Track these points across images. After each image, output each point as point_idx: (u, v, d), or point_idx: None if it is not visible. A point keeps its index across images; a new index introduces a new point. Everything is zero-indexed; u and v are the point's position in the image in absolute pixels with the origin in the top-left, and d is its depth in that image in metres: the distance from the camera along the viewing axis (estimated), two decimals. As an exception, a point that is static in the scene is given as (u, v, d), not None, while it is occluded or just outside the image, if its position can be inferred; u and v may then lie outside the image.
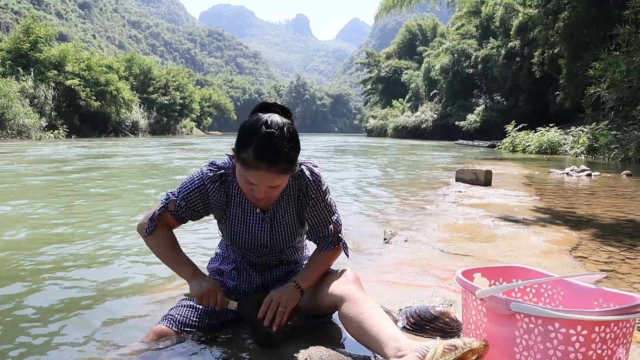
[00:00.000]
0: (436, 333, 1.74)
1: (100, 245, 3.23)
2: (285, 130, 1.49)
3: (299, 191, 1.75)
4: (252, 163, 1.47)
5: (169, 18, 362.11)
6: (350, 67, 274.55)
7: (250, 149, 1.46)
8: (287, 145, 1.48)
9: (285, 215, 1.77)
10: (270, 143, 1.46)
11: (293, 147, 1.51)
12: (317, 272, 1.77)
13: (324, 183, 1.78)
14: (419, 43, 64.94)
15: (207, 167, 1.73)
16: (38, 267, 2.71)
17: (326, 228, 1.80)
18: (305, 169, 1.74)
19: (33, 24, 31.12)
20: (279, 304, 1.62)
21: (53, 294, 2.28)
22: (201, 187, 1.70)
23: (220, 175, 1.71)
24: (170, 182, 7.43)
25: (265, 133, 1.46)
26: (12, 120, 23.66)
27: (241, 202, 1.75)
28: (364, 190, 6.83)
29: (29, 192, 5.92)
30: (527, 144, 20.05)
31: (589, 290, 1.39)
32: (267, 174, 1.49)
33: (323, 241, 1.81)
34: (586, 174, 8.75)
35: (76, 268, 2.70)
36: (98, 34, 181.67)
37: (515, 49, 33.82)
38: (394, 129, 51.39)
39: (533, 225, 3.94)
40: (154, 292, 2.29)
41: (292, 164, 1.53)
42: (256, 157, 1.46)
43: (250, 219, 1.76)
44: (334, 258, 1.83)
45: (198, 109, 56.72)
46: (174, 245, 1.76)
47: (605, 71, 14.48)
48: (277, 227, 1.77)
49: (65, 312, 2.05)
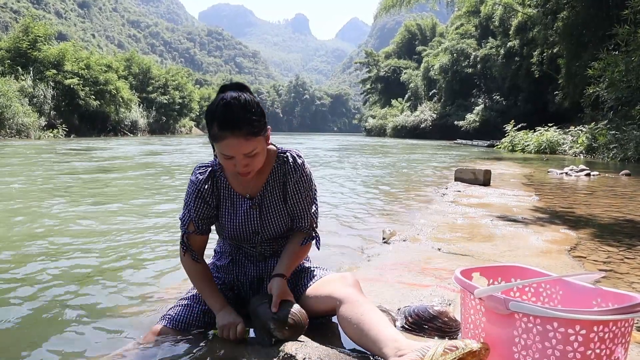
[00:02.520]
0: (435, 332, 1.74)
1: (110, 245, 3.23)
2: (242, 99, 1.58)
3: (283, 176, 1.80)
4: (219, 134, 1.57)
5: (168, 17, 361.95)
6: (349, 66, 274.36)
7: (215, 123, 1.57)
8: (245, 109, 1.57)
9: (273, 200, 1.82)
10: (228, 111, 1.56)
11: (251, 110, 1.58)
12: (295, 264, 1.82)
13: (307, 173, 1.82)
14: (418, 43, 64.94)
15: (195, 171, 1.81)
16: (45, 262, 2.71)
17: (303, 219, 1.84)
18: (289, 156, 1.80)
19: (32, 23, 31.08)
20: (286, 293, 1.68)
21: (56, 292, 2.28)
22: (198, 193, 1.76)
23: (209, 173, 1.78)
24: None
25: (222, 104, 1.57)
26: (11, 119, 23.61)
27: (230, 194, 1.81)
28: (363, 188, 6.83)
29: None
30: (526, 144, 20.06)
31: (588, 289, 1.39)
32: (235, 140, 1.56)
33: (299, 233, 1.86)
34: (585, 173, 8.76)
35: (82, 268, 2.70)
36: (97, 33, 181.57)
37: (515, 48, 33.84)
38: (393, 129, 51.41)
39: (532, 225, 3.94)
40: (153, 292, 2.29)
41: (255, 127, 1.59)
42: (220, 127, 1.56)
43: (240, 208, 1.81)
44: (306, 253, 1.89)
45: (197, 109, 56.71)
46: (208, 280, 1.81)
47: (604, 71, 14.48)
48: (266, 213, 1.82)
49: (65, 310, 2.05)
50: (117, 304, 2.13)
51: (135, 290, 2.34)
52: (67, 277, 2.53)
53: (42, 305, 2.12)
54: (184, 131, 53.05)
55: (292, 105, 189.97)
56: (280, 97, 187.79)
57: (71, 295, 2.26)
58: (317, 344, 1.53)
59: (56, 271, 2.62)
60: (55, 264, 2.75)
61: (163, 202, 5.42)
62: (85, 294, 2.27)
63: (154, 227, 3.88)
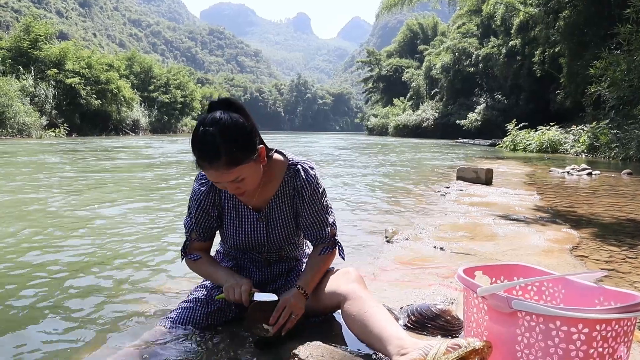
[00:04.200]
0: (437, 331, 1.74)
1: (117, 244, 3.24)
2: (222, 124, 1.46)
3: (293, 190, 1.76)
4: (200, 163, 1.51)
5: (169, 16, 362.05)
6: (351, 65, 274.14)
7: (195, 150, 1.50)
8: (224, 139, 1.45)
9: (281, 214, 1.78)
10: (205, 140, 1.46)
11: (231, 139, 1.47)
12: (318, 276, 1.77)
13: (320, 185, 1.77)
14: (419, 42, 64.90)
15: (197, 181, 1.77)
16: (52, 265, 2.72)
17: (323, 230, 1.79)
18: (301, 169, 1.74)
19: (33, 22, 31.09)
20: (292, 312, 1.63)
21: (60, 290, 2.29)
22: (200, 204, 1.75)
23: (210, 185, 1.74)
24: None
25: (200, 133, 1.47)
26: (12, 119, 23.64)
27: (235, 205, 1.77)
28: (365, 187, 6.83)
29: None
30: (527, 143, 20.03)
31: (590, 288, 1.39)
32: (215, 172, 1.50)
33: (320, 243, 1.81)
34: (587, 172, 8.75)
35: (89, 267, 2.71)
36: (98, 32, 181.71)
37: (516, 47, 33.81)
38: (395, 128, 51.37)
39: (534, 224, 3.94)
40: (156, 293, 2.29)
41: (235, 156, 1.48)
42: (198, 157, 1.50)
43: (246, 220, 1.78)
44: (330, 261, 1.83)
45: (199, 108, 56.70)
46: (211, 264, 1.81)
47: (606, 70, 14.47)
48: (273, 226, 1.79)
49: (65, 309, 2.05)
50: (118, 304, 2.13)
51: (138, 290, 2.34)
52: (68, 273, 2.53)
53: (42, 302, 2.13)
54: (186, 130, 53.04)
55: (294, 104, 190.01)
56: (282, 96, 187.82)
57: (72, 293, 2.26)
58: (320, 342, 1.54)
59: (56, 267, 2.63)
60: (55, 257, 2.76)
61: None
62: (87, 292, 2.27)
63: (165, 227, 3.88)
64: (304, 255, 2.00)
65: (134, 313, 2.02)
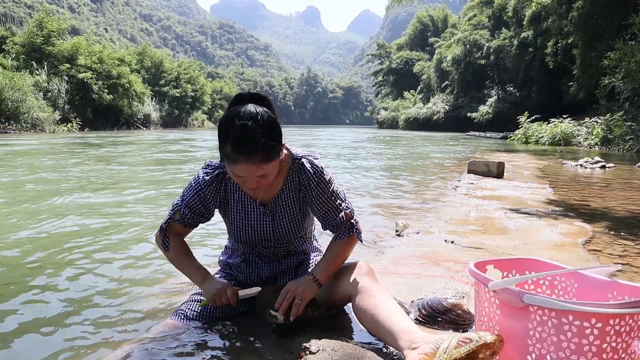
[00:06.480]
0: (448, 325, 1.74)
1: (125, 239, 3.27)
2: (260, 119, 1.47)
3: (299, 184, 1.75)
4: (233, 156, 1.48)
5: (180, 11, 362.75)
6: (361, 58, 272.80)
7: (229, 143, 1.47)
8: (263, 133, 1.46)
9: (287, 208, 1.78)
10: (245, 134, 1.45)
11: (269, 134, 1.48)
12: (334, 264, 1.75)
13: (327, 173, 1.75)
14: (430, 34, 64.52)
15: (203, 170, 1.75)
16: (63, 258, 2.75)
17: (337, 216, 1.76)
18: (306, 162, 1.72)
19: (46, 18, 31.28)
20: (295, 296, 1.63)
21: (70, 285, 2.31)
22: (199, 192, 1.72)
23: (216, 175, 1.73)
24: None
25: (239, 125, 1.45)
26: (26, 113, 23.85)
27: (240, 198, 1.77)
28: (376, 182, 6.81)
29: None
30: (540, 136, 19.86)
31: (603, 282, 1.38)
32: (249, 165, 1.49)
33: (337, 229, 1.78)
34: (600, 165, 8.65)
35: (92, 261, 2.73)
36: (110, 27, 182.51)
37: (528, 39, 33.47)
38: (405, 121, 51.19)
39: (546, 217, 3.91)
40: (166, 287, 2.31)
41: (272, 151, 1.50)
42: (234, 151, 1.47)
43: (252, 214, 1.78)
44: (349, 247, 1.80)
45: (209, 102, 56.96)
46: (186, 253, 1.79)
47: (620, 61, 14.28)
48: (279, 220, 1.78)
49: (79, 303, 2.08)
50: (129, 298, 2.15)
51: (149, 284, 2.36)
52: (81, 267, 2.56)
53: (52, 297, 2.15)
54: (197, 124, 53.28)
55: (304, 98, 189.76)
56: (292, 90, 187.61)
57: (83, 287, 2.28)
58: (330, 336, 1.54)
59: (75, 258, 2.65)
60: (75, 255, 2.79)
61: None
62: (97, 286, 2.29)
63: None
64: (313, 249, 2.00)
65: (145, 306, 2.03)
